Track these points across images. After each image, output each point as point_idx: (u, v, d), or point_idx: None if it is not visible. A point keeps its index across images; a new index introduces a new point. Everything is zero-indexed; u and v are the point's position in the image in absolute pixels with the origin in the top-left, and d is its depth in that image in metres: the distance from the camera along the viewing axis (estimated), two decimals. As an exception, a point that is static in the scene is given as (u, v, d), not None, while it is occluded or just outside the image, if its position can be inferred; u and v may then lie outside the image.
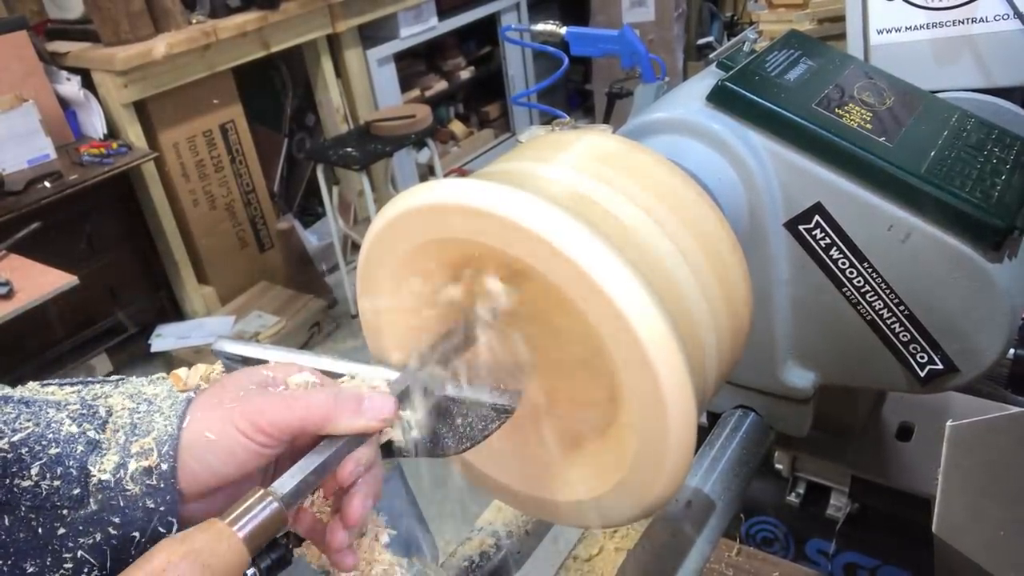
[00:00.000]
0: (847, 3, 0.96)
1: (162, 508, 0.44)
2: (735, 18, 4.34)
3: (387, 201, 0.55)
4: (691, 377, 0.48)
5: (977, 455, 0.62)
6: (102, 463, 0.44)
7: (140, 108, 3.02)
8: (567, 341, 0.61)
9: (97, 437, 0.45)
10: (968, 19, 0.90)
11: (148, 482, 0.44)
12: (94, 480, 0.43)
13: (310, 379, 0.51)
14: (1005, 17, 0.88)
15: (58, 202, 2.64)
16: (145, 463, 0.44)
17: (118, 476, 0.43)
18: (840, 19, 1.30)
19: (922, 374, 0.70)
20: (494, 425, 0.52)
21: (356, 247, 3.71)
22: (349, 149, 3.31)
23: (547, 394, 0.63)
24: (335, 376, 0.55)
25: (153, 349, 3.14)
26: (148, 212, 3.17)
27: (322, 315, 3.40)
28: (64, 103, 2.97)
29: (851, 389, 0.85)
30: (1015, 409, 0.61)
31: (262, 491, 0.43)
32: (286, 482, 0.45)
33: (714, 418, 0.88)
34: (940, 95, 0.83)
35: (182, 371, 0.50)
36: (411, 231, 0.54)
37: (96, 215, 2.95)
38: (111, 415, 0.46)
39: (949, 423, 0.63)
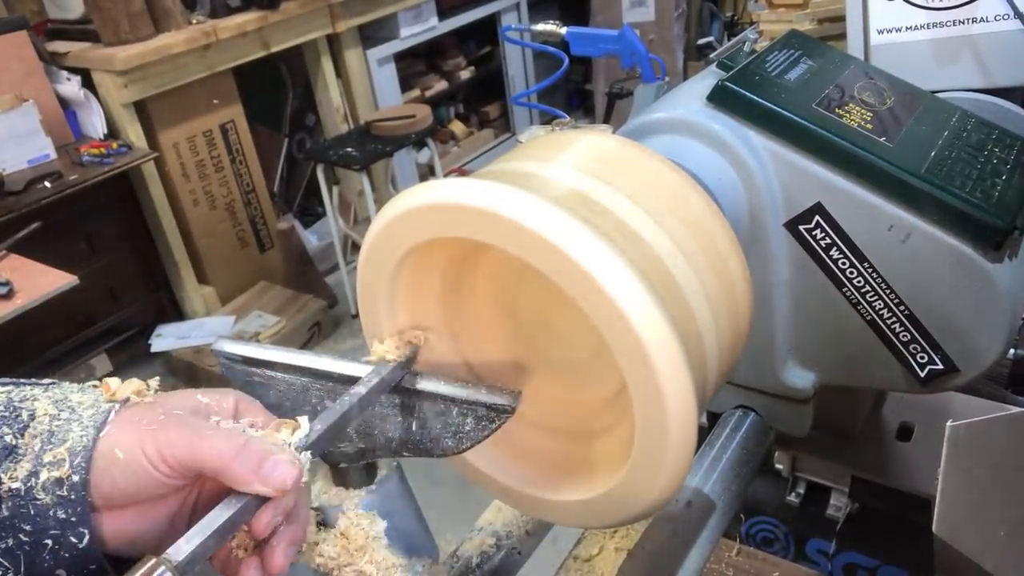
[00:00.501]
0: (847, 3, 0.96)
1: (73, 519, 0.43)
2: (735, 18, 4.34)
3: (387, 201, 0.55)
4: (691, 377, 0.48)
5: (977, 455, 0.62)
6: (15, 470, 0.43)
7: (140, 108, 3.02)
8: (567, 341, 0.61)
9: (14, 442, 0.44)
10: (968, 19, 0.90)
11: (59, 492, 0.43)
12: (4, 487, 0.42)
13: (244, 427, 0.48)
14: (1005, 17, 0.88)
15: (58, 202, 2.64)
16: (56, 473, 0.43)
17: (29, 484, 0.43)
18: (840, 19, 1.30)
19: (922, 374, 0.70)
20: (494, 425, 0.52)
21: (356, 247, 3.71)
22: (349, 149, 3.31)
23: (547, 394, 0.63)
24: (342, 379, 0.55)
25: (153, 349, 3.14)
26: (148, 212, 3.17)
27: (322, 315, 3.40)
28: (64, 103, 2.97)
29: (851, 389, 0.85)
30: (1015, 409, 0.61)
31: (155, 559, 0.40)
32: (182, 547, 0.41)
33: (714, 418, 0.88)
34: (940, 95, 0.83)
35: (113, 381, 0.49)
36: (411, 231, 0.54)
37: (96, 215, 2.95)
38: (33, 420, 0.45)
39: (949, 423, 0.63)
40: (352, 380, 0.54)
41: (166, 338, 3.18)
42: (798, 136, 0.67)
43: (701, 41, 4.44)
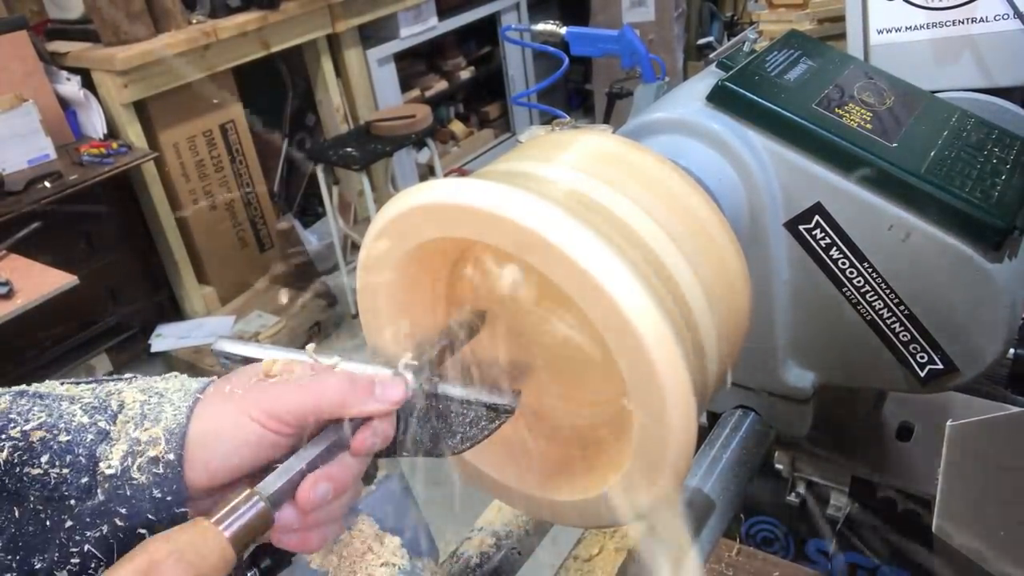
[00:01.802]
0: (847, 3, 0.96)
1: (169, 498, 0.43)
2: (735, 18, 4.33)
3: (387, 201, 0.55)
4: (691, 377, 0.48)
5: (977, 455, 0.62)
6: (110, 453, 0.44)
7: (140, 108, 3.02)
8: (567, 341, 0.61)
9: (107, 428, 0.45)
10: (968, 19, 0.90)
11: (155, 471, 0.43)
12: (102, 469, 0.43)
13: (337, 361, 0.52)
14: (1005, 17, 0.88)
15: (58, 202, 2.64)
16: (152, 452, 0.44)
17: (125, 465, 0.43)
18: (840, 19, 1.29)
19: (922, 374, 0.70)
20: (494, 425, 0.52)
21: (356, 247, 3.71)
22: (349, 149, 3.31)
23: (547, 394, 0.63)
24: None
25: (153, 349, 3.14)
26: (148, 212, 3.17)
27: (322, 315, 3.40)
28: (64, 103, 2.97)
29: (851, 389, 0.85)
30: (1015, 409, 0.61)
31: (249, 490, 0.43)
32: (273, 481, 0.44)
33: (714, 418, 0.88)
34: (940, 95, 0.83)
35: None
36: (411, 231, 0.54)
37: (96, 215, 2.95)
38: (123, 408, 0.46)
39: (949, 423, 0.63)
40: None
41: (166, 338, 3.18)
42: (798, 136, 0.67)
43: (701, 41, 4.44)
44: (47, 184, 2.67)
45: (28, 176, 2.67)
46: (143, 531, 0.43)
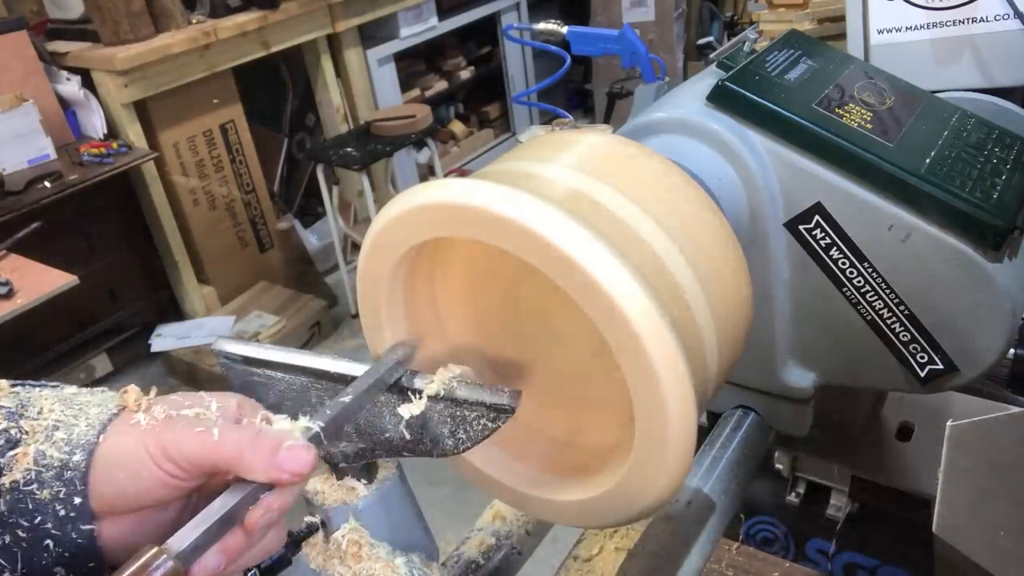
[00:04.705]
0: (847, 3, 0.96)
1: (72, 514, 0.42)
2: (735, 18, 4.33)
3: (387, 201, 0.55)
4: (691, 377, 0.48)
5: (977, 455, 0.62)
6: (15, 464, 0.42)
7: (140, 108, 3.02)
8: (567, 341, 0.61)
9: (18, 437, 0.43)
10: (968, 19, 0.90)
11: (58, 487, 0.42)
12: (5, 480, 0.42)
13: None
14: (1005, 17, 0.88)
15: (58, 202, 2.64)
16: (56, 468, 0.42)
17: (28, 478, 0.42)
18: (840, 19, 1.30)
19: (922, 374, 0.70)
20: (495, 425, 0.52)
21: (356, 247, 3.71)
22: (349, 149, 3.31)
23: (547, 394, 0.63)
24: (342, 379, 0.55)
25: (153, 349, 3.14)
26: (148, 212, 3.17)
27: (322, 315, 3.40)
28: (64, 103, 2.97)
29: (851, 389, 0.85)
30: (1015, 409, 0.61)
31: (156, 548, 0.40)
32: (184, 537, 0.41)
33: (714, 418, 0.88)
34: (940, 95, 0.83)
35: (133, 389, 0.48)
36: (412, 231, 0.54)
37: (96, 215, 2.95)
38: (40, 415, 0.44)
39: (949, 423, 0.63)
40: (352, 380, 0.54)
41: (166, 338, 3.18)
42: (798, 136, 0.67)
43: (701, 41, 4.42)
44: (47, 184, 2.67)
45: (28, 176, 2.67)
46: (48, 542, 0.41)
